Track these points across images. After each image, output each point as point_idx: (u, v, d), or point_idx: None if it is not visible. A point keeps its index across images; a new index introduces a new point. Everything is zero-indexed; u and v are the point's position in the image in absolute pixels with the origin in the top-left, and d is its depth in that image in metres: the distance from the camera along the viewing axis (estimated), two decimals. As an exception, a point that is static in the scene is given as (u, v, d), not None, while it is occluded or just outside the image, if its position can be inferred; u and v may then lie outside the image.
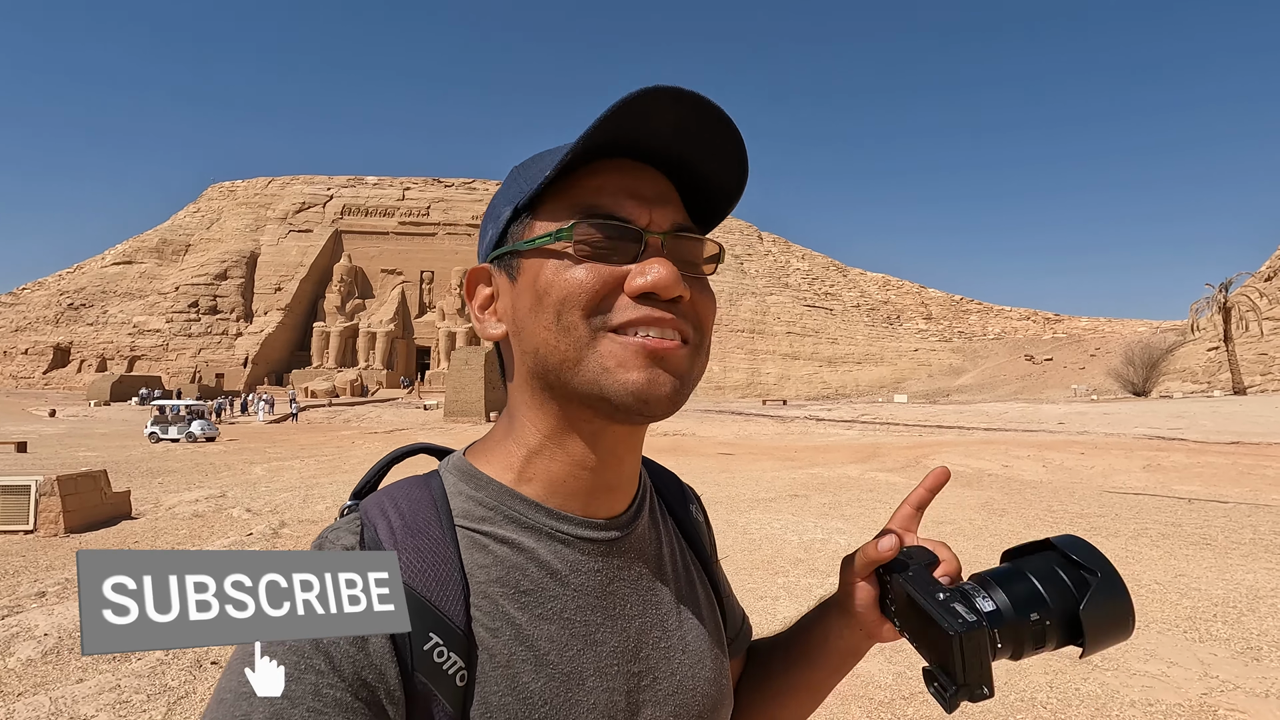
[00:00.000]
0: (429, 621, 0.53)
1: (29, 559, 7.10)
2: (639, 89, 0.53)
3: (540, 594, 0.58)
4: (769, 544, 7.71)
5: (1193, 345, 46.56)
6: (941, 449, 17.77)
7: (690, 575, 0.72)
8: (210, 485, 12.52)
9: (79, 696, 3.60)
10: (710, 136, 0.59)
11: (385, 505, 0.59)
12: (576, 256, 0.57)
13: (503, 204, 0.63)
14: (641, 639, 0.63)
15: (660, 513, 0.73)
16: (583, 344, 0.56)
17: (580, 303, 0.56)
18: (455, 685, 0.53)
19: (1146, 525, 8.67)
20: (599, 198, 0.58)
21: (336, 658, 0.49)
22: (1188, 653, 4.49)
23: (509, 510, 0.60)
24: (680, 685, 0.64)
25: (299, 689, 0.47)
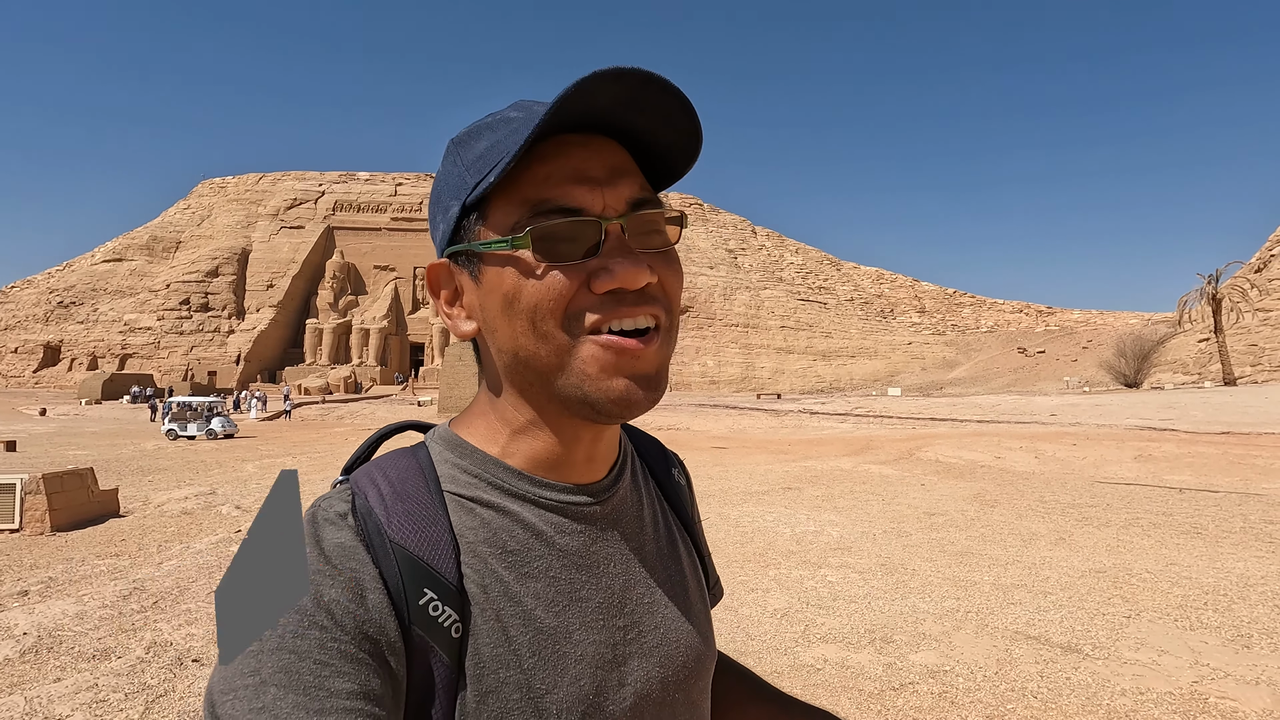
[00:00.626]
0: (423, 578, 0.55)
1: (13, 558, 7.01)
2: (575, 82, 0.52)
3: (526, 554, 0.60)
4: (761, 537, 7.69)
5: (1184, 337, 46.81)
6: (934, 441, 17.79)
7: (672, 534, 0.74)
8: (200, 483, 12.43)
9: (55, 696, 3.54)
10: (657, 104, 0.57)
11: (374, 474, 0.61)
12: (537, 262, 0.56)
13: (449, 197, 0.61)
14: (626, 595, 0.65)
15: (643, 475, 0.74)
16: (563, 350, 0.57)
17: (552, 310, 0.56)
18: (451, 637, 0.55)
19: (1138, 515, 8.68)
20: (547, 190, 0.57)
21: (338, 614, 0.50)
22: (1178, 641, 4.48)
23: (493, 477, 0.62)
24: (665, 638, 0.66)
25: (304, 644, 0.49)
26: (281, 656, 0.48)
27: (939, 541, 7.39)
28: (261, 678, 0.47)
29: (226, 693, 0.47)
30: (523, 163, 0.57)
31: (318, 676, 0.48)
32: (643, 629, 0.65)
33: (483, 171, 0.57)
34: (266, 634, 0.49)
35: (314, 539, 0.55)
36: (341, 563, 0.53)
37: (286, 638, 0.49)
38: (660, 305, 0.59)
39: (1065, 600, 5.34)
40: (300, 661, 0.48)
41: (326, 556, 0.53)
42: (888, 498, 10.18)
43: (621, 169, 0.60)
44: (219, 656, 0.50)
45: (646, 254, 0.58)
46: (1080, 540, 7.38)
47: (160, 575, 6.15)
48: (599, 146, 0.59)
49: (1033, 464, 13.80)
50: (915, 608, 5.19)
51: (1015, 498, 10.09)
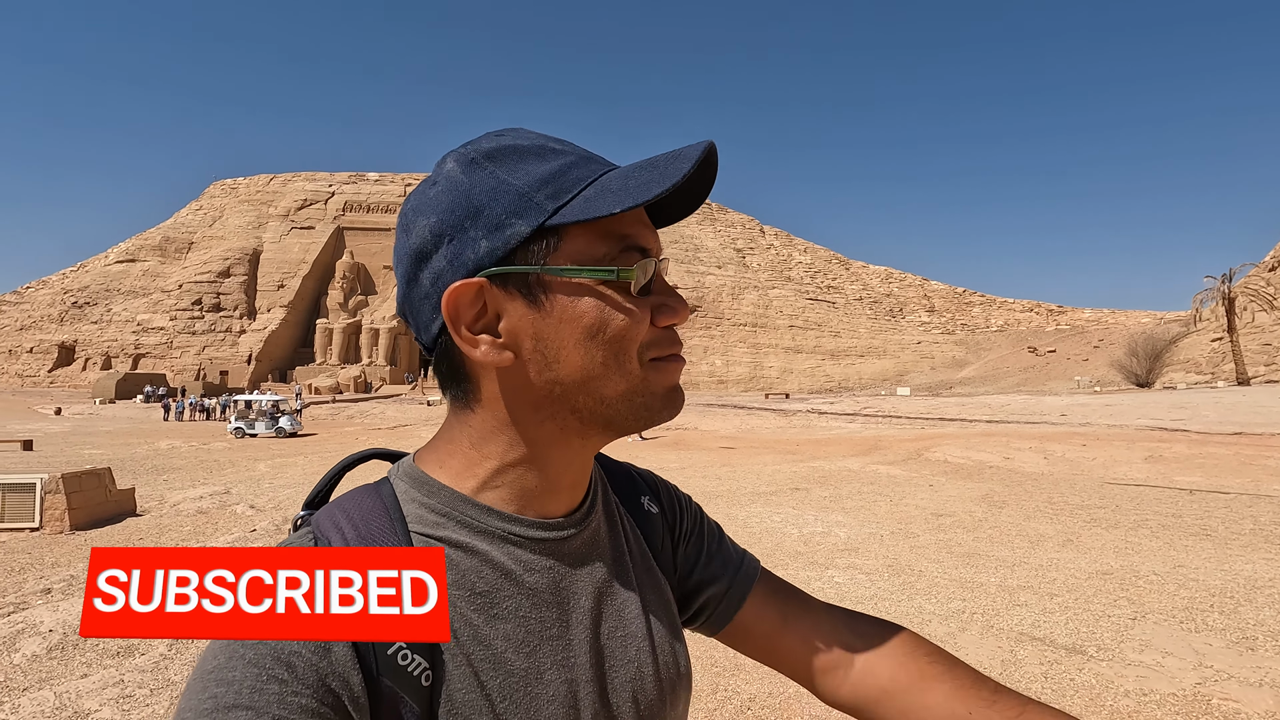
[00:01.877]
0: None
1: (35, 556, 7.16)
2: (703, 151, 0.56)
3: (495, 594, 0.59)
4: (769, 537, 7.75)
5: (1197, 336, 46.41)
6: (943, 441, 17.77)
7: (647, 563, 0.74)
8: (215, 482, 12.60)
9: (83, 691, 3.65)
10: (697, 187, 0.63)
11: (338, 517, 0.60)
12: (622, 294, 0.59)
13: (505, 214, 0.57)
14: (597, 630, 0.64)
15: (614, 506, 0.74)
16: (638, 379, 0.60)
17: (632, 343, 0.59)
18: (421, 685, 0.54)
19: (1146, 516, 8.67)
20: (629, 229, 0.60)
21: (299, 667, 0.49)
22: (1183, 643, 4.52)
23: (460, 515, 0.61)
24: (638, 672, 0.66)
25: (262, 700, 0.47)
26: (237, 714, 0.46)
27: (946, 543, 7.42)
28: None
29: None
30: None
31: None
32: (615, 663, 0.65)
33: (562, 196, 0.57)
34: (221, 691, 0.47)
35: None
36: None
37: (244, 693, 0.47)
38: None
39: (1071, 602, 5.37)
40: (258, 718, 0.46)
41: None
42: (895, 498, 10.20)
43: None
44: (176, 713, 0.48)
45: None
46: (1088, 542, 7.39)
47: (178, 574, 6.27)
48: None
49: (1042, 465, 13.77)
50: (921, 609, 5.24)
51: (1024, 499, 10.09)
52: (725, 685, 3.95)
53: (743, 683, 3.98)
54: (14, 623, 4.79)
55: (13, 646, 4.36)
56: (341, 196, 73.63)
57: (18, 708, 3.50)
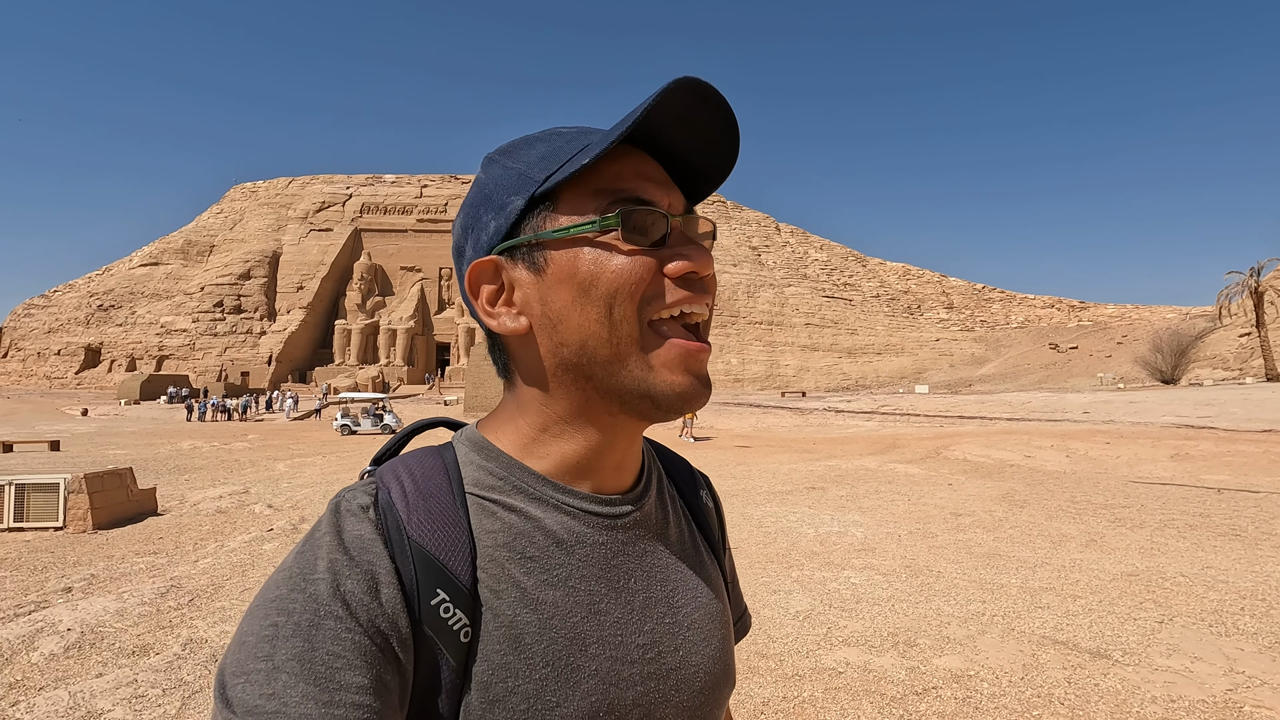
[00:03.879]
0: (436, 578, 0.55)
1: (57, 555, 7.26)
2: (671, 83, 0.55)
3: (546, 560, 0.60)
4: (784, 537, 7.66)
5: (1224, 332, 45.45)
6: (962, 439, 17.53)
7: (700, 557, 0.73)
8: (234, 482, 12.74)
9: (97, 691, 3.67)
10: (707, 126, 0.60)
11: (399, 470, 0.62)
12: (618, 245, 0.58)
13: (507, 194, 0.61)
14: (646, 613, 0.64)
15: (670, 495, 0.74)
16: (633, 339, 0.58)
17: (633, 293, 0.58)
18: (459, 641, 0.55)
19: (1173, 516, 8.47)
20: (624, 183, 0.59)
21: (353, 605, 0.51)
22: (1213, 647, 4.38)
23: (518, 481, 0.62)
24: (684, 660, 0.64)
25: (319, 634, 0.49)
26: (295, 644, 0.48)
27: (965, 543, 7.29)
28: (275, 663, 0.48)
29: (239, 675, 0.48)
30: (597, 164, 0.59)
31: (329, 668, 0.48)
32: (662, 649, 0.63)
33: (552, 167, 0.59)
34: (282, 620, 0.50)
35: (335, 529, 0.55)
36: (359, 555, 0.54)
37: (302, 625, 0.49)
38: (711, 296, 0.62)
39: (1095, 604, 5.24)
40: (314, 651, 0.48)
41: (346, 548, 0.54)
42: (913, 498, 10.06)
43: (669, 179, 0.63)
44: (234, 636, 0.51)
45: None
46: (1112, 542, 7.22)
47: (196, 573, 6.33)
48: (647, 158, 0.62)
49: (1064, 463, 13.53)
50: (940, 611, 5.14)
51: (1045, 498, 9.90)
52: (738, 688, 3.88)
53: (757, 686, 3.91)
54: (34, 621, 4.85)
55: (31, 645, 4.41)
56: (359, 198, 74.29)
57: (33, 707, 3.52)
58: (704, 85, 0.57)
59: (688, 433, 22.18)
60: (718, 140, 0.62)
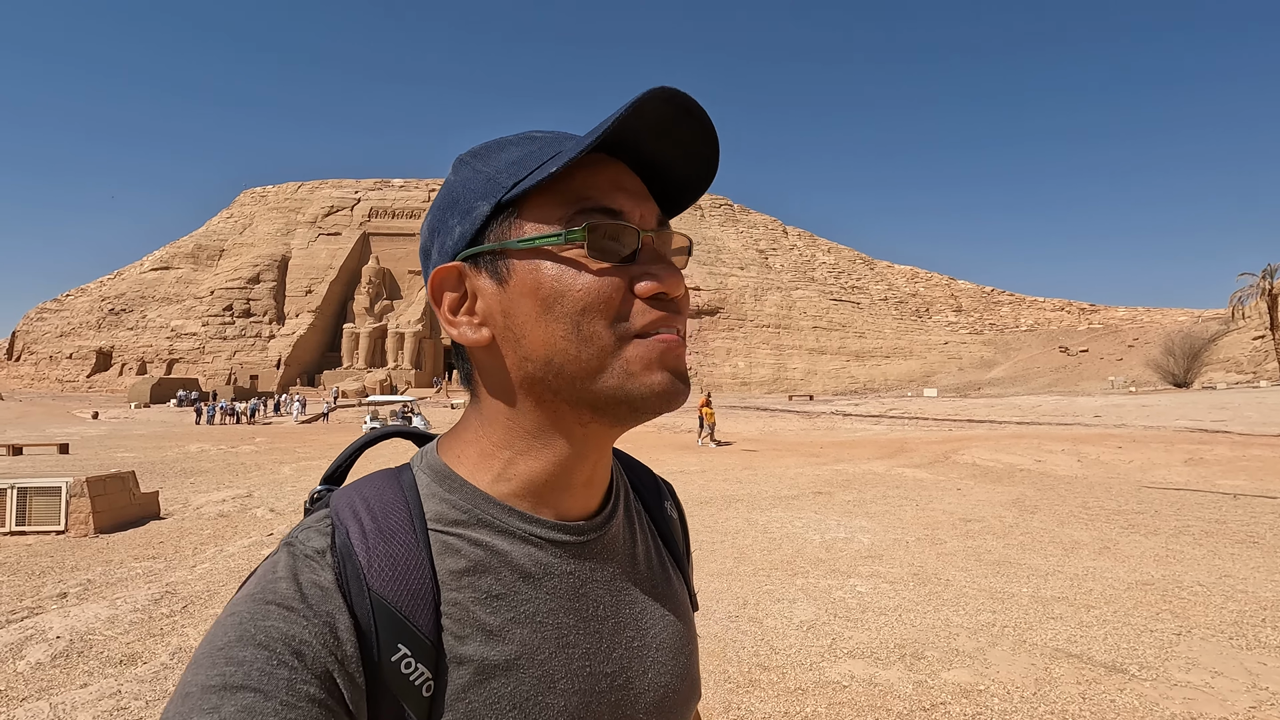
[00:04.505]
0: (398, 632, 0.53)
1: (56, 559, 7.22)
2: (641, 95, 0.53)
3: (513, 598, 0.58)
4: (789, 543, 7.52)
5: (1237, 334, 44.93)
6: (971, 444, 17.31)
7: (666, 573, 0.72)
8: (238, 485, 12.71)
9: (79, 702, 3.58)
10: (687, 136, 0.59)
11: (357, 505, 0.59)
12: (582, 259, 0.56)
13: (474, 198, 0.59)
14: (615, 639, 0.63)
15: (636, 510, 0.73)
16: (606, 352, 0.56)
17: (602, 311, 0.55)
18: (421, 695, 0.53)
19: (1188, 522, 8.28)
20: (594, 193, 0.57)
21: (308, 656, 0.49)
22: (1234, 661, 4.21)
23: (482, 514, 0.60)
24: (652, 683, 0.64)
25: (271, 684, 0.46)
26: (245, 696, 0.45)
27: (975, 550, 7.13)
28: (221, 716, 0.44)
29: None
30: (564, 169, 0.56)
31: (282, 718, 0.45)
32: (630, 674, 0.63)
33: (521, 173, 0.57)
34: (230, 670, 0.46)
35: (290, 574, 0.52)
36: (318, 605, 0.51)
37: (253, 675, 0.46)
38: (683, 318, 0.59)
39: (1110, 615, 5.08)
40: (265, 701, 0.45)
41: (304, 595, 0.51)
42: (922, 503, 9.89)
43: (644, 191, 0.61)
44: (178, 687, 0.47)
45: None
46: (1126, 549, 7.04)
47: (192, 579, 6.26)
48: (624, 169, 0.60)
49: (1075, 468, 13.31)
50: (948, 621, 4.99)
51: (1056, 503, 9.72)
52: (739, 703, 3.76)
53: (757, 701, 3.78)
54: (25, 628, 4.78)
55: (19, 654, 4.33)
56: (367, 203, 74.66)
57: (12, 718, 3.44)
58: (680, 95, 0.55)
59: (707, 438, 20.91)
60: (697, 151, 0.60)
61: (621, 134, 0.56)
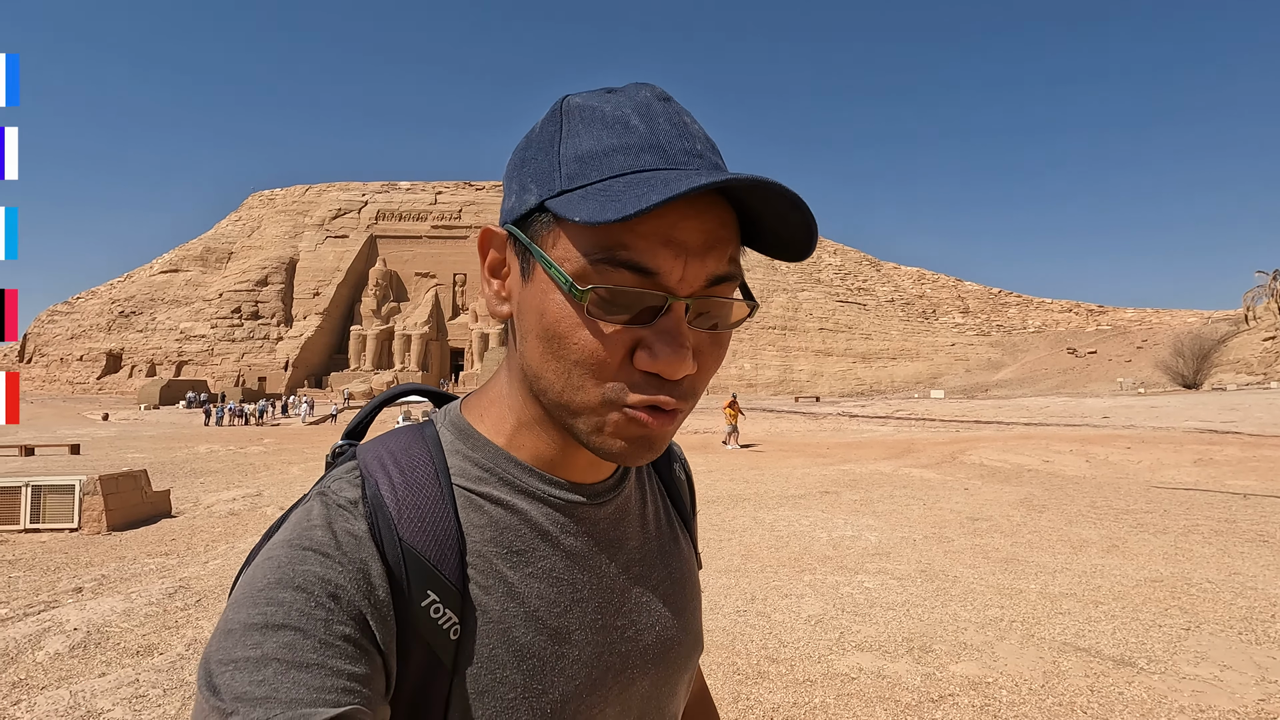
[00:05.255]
0: (427, 578, 0.55)
1: (71, 555, 7.31)
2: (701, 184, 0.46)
3: (531, 554, 0.60)
4: (797, 541, 7.54)
5: (1247, 335, 44.62)
6: (979, 444, 17.27)
7: (674, 531, 0.75)
8: (248, 485, 12.81)
9: (98, 690, 3.65)
10: (775, 203, 0.52)
11: (385, 459, 0.61)
12: (592, 312, 0.52)
13: (532, 177, 0.55)
14: (625, 595, 0.66)
15: (646, 470, 0.75)
16: (588, 407, 0.55)
17: (591, 370, 0.53)
18: (449, 639, 0.56)
19: (1197, 522, 8.25)
20: (633, 243, 0.50)
21: (343, 598, 0.51)
22: (1243, 655, 4.22)
23: (503, 472, 0.62)
24: (660, 636, 0.67)
25: (309, 623, 0.49)
26: (285, 634, 0.48)
27: (982, 547, 7.13)
28: (264, 652, 0.47)
29: (226, 664, 0.47)
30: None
31: (320, 655, 0.48)
32: (640, 628, 0.66)
33: (576, 180, 0.52)
34: (271, 610, 0.49)
35: (325, 522, 0.55)
36: (352, 551, 0.54)
37: (292, 615, 0.49)
38: (687, 401, 0.55)
39: (1118, 610, 5.08)
40: (304, 639, 0.48)
41: (339, 543, 0.54)
42: (929, 502, 9.88)
43: (719, 239, 0.53)
44: (219, 625, 0.50)
45: (699, 333, 0.55)
46: (1135, 548, 7.03)
47: (205, 574, 6.33)
48: (705, 207, 0.52)
49: (1083, 468, 13.27)
50: (956, 616, 5.00)
51: (1064, 503, 9.69)
52: (748, 694, 3.79)
53: (766, 691, 3.81)
54: (42, 621, 4.85)
55: (37, 645, 4.41)
56: (374, 205, 74.98)
57: (33, 705, 3.50)
58: (769, 185, 0.49)
59: (733, 440, 20.04)
60: (788, 218, 0.53)
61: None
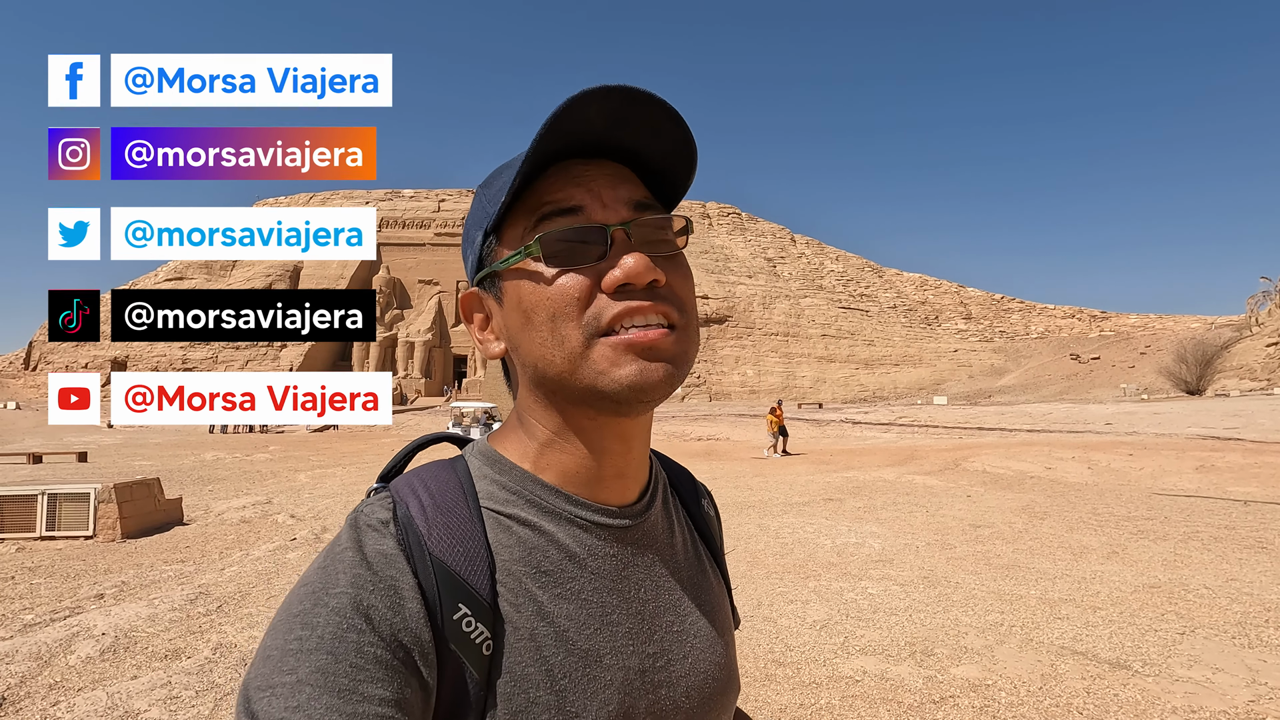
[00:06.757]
0: (458, 593, 0.56)
1: (89, 563, 7.44)
2: (564, 101, 0.55)
3: (559, 575, 0.60)
4: (801, 548, 7.66)
5: (1251, 341, 44.59)
6: (981, 451, 17.37)
7: (702, 564, 0.74)
8: (257, 492, 12.95)
9: (133, 692, 3.80)
10: (644, 119, 0.59)
11: (415, 485, 0.62)
12: (548, 269, 0.58)
13: (474, 228, 0.65)
14: (655, 622, 0.65)
15: (674, 505, 0.75)
16: (577, 354, 0.58)
17: (568, 314, 0.57)
18: (482, 654, 0.56)
19: (1197, 528, 8.36)
20: (552, 195, 0.60)
21: (375, 620, 0.52)
22: (1235, 659, 4.34)
23: (530, 495, 0.63)
24: (692, 668, 0.66)
25: (342, 646, 0.49)
26: (319, 658, 0.49)
27: (984, 554, 7.25)
28: (299, 676, 0.48)
29: (263, 689, 0.48)
30: (534, 185, 0.60)
31: (353, 680, 0.48)
32: (671, 657, 0.65)
33: (500, 197, 0.60)
34: (305, 634, 0.50)
35: (355, 544, 0.56)
36: (382, 570, 0.54)
37: (325, 639, 0.49)
38: (671, 304, 0.59)
39: (1116, 615, 5.20)
40: (337, 664, 0.49)
41: (369, 563, 0.54)
42: (932, 509, 10.01)
43: (622, 176, 0.62)
44: (258, 652, 0.51)
45: (655, 258, 0.59)
46: (1135, 554, 7.15)
47: (223, 580, 6.48)
48: (601, 165, 0.61)
49: (1086, 475, 13.36)
50: (958, 621, 5.13)
51: (1066, 510, 9.80)
52: (756, 695, 3.92)
53: (774, 693, 3.95)
54: (70, 626, 5.00)
55: (68, 649, 4.55)
56: (378, 213, 75.44)
57: (73, 706, 3.65)
58: (614, 89, 0.55)
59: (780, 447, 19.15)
60: (666, 132, 0.60)
61: (574, 138, 0.58)
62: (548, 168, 0.61)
